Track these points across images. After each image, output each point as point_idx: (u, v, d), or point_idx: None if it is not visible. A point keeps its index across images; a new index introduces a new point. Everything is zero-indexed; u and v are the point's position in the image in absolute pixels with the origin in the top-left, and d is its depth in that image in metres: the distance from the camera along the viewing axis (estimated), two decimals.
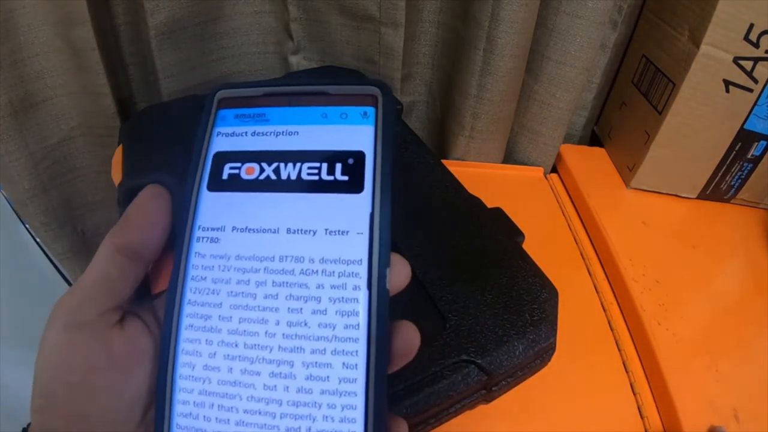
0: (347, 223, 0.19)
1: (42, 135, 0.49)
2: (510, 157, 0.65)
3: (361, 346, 0.18)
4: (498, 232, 0.41)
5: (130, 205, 0.21)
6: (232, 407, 0.18)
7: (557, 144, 0.62)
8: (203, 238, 0.20)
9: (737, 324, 0.46)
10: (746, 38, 0.46)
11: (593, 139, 0.69)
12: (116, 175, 0.43)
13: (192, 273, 0.19)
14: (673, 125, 0.53)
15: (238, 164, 0.20)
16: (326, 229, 0.19)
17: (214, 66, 0.55)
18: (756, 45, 0.47)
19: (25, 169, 0.49)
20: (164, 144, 0.44)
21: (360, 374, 0.18)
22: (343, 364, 0.18)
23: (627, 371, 0.42)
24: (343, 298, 0.18)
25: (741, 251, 0.54)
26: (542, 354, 0.33)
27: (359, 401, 0.18)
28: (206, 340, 0.19)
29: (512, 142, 0.64)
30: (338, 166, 0.20)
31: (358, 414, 0.18)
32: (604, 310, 0.47)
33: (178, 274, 0.19)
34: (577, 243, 0.54)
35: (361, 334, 0.18)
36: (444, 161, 0.50)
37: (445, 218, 0.40)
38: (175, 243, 0.20)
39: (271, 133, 0.20)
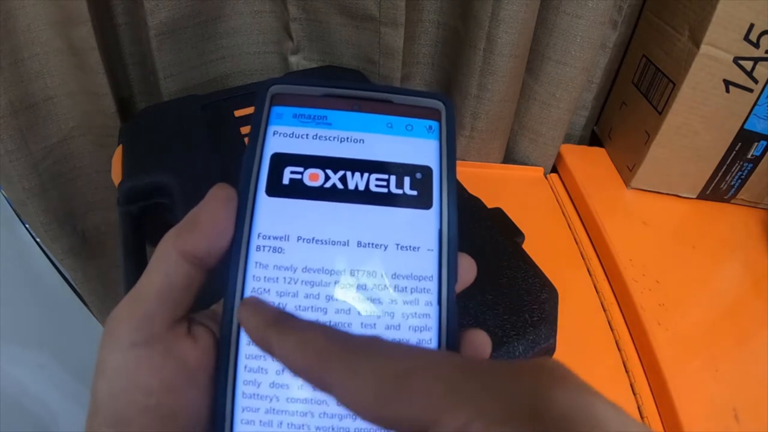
0: (418, 238, 0.19)
1: (42, 135, 0.49)
2: (510, 157, 0.65)
3: None
4: (498, 232, 0.41)
5: (199, 207, 0.18)
6: (303, 425, 0.17)
7: (557, 144, 0.62)
8: (264, 247, 0.18)
9: (737, 324, 0.46)
10: (746, 38, 0.46)
11: (593, 139, 0.69)
12: (116, 175, 0.43)
13: (252, 285, 0.18)
14: (673, 125, 0.53)
15: (300, 169, 0.19)
16: (397, 244, 0.19)
17: (213, 66, 0.55)
18: (756, 45, 0.47)
19: (25, 169, 0.49)
20: (164, 144, 0.44)
21: None
22: None
23: (627, 371, 0.42)
24: (415, 313, 0.18)
25: (741, 251, 0.54)
26: (542, 354, 0.33)
27: None
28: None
29: (512, 142, 0.64)
30: (406, 180, 0.19)
31: None
32: (604, 310, 0.47)
33: (235, 285, 0.18)
34: (577, 243, 0.54)
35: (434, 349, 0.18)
36: None
37: None
38: (229, 250, 0.18)
39: (335, 138, 0.20)
